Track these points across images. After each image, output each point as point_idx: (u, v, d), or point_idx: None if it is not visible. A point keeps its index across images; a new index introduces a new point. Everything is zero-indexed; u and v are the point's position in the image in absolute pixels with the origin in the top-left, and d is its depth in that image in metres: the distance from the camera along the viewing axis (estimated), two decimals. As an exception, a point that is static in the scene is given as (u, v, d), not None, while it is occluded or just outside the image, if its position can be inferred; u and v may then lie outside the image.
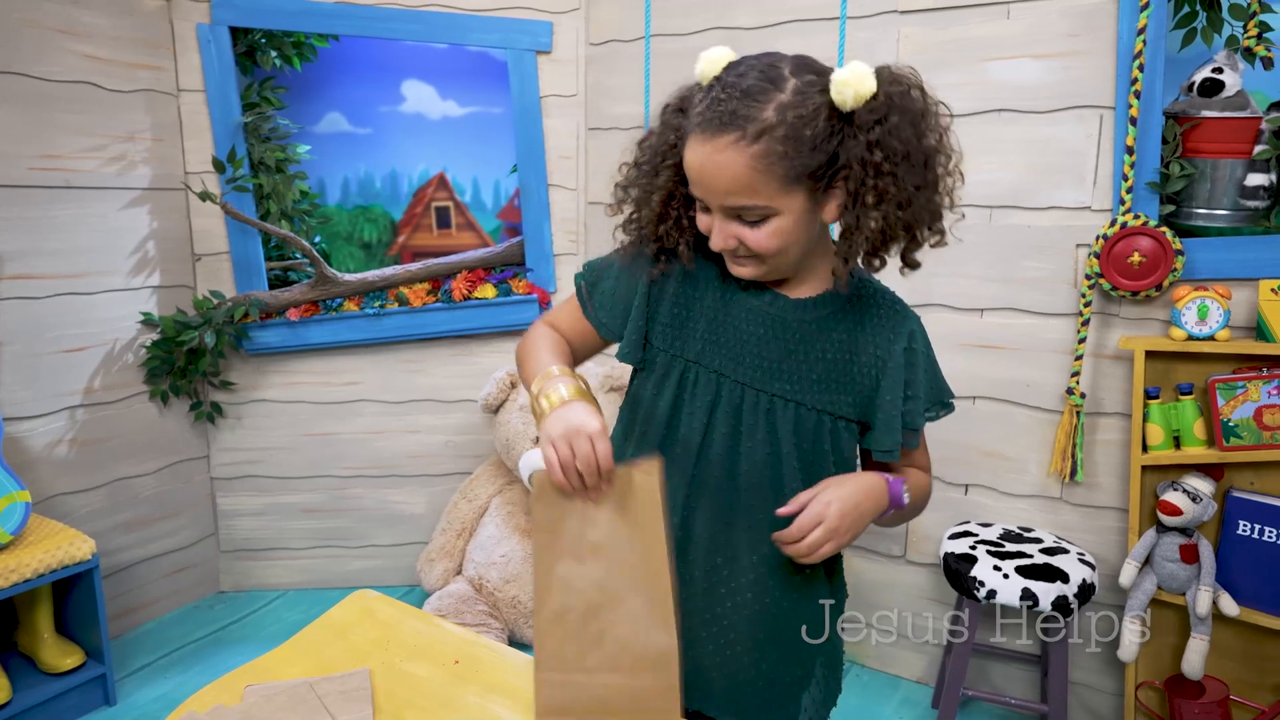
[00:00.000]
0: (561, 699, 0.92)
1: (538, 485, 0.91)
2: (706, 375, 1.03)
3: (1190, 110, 1.86)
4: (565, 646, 0.91)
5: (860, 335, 1.03)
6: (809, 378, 1.02)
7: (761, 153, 0.88)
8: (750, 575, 1.04)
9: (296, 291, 2.67)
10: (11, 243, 2.21)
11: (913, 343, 1.04)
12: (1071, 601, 1.81)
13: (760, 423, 1.02)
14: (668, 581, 0.91)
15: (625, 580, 0.91)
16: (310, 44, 2.69)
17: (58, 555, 2.05)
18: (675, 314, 1.06)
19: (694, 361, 1.04)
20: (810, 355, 1.02)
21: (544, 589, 0.91)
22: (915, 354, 1.04)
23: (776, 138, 0.88)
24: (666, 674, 0.91)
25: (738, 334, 1.03)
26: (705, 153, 0.91)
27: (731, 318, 1.03)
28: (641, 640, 0.91)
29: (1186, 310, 1.84)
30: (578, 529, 0.90)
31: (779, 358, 1.02)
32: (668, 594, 0.91)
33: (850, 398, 1.03)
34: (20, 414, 2.25)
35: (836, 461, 1.04)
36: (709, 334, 1.04)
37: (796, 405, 1.02)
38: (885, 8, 2.17)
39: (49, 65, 2.24)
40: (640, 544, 0.91)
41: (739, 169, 0.89)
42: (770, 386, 1.02)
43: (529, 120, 2.69)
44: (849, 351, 1.03)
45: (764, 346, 1.02)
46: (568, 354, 1.10)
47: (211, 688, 1.06)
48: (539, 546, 0.91)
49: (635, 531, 0.91)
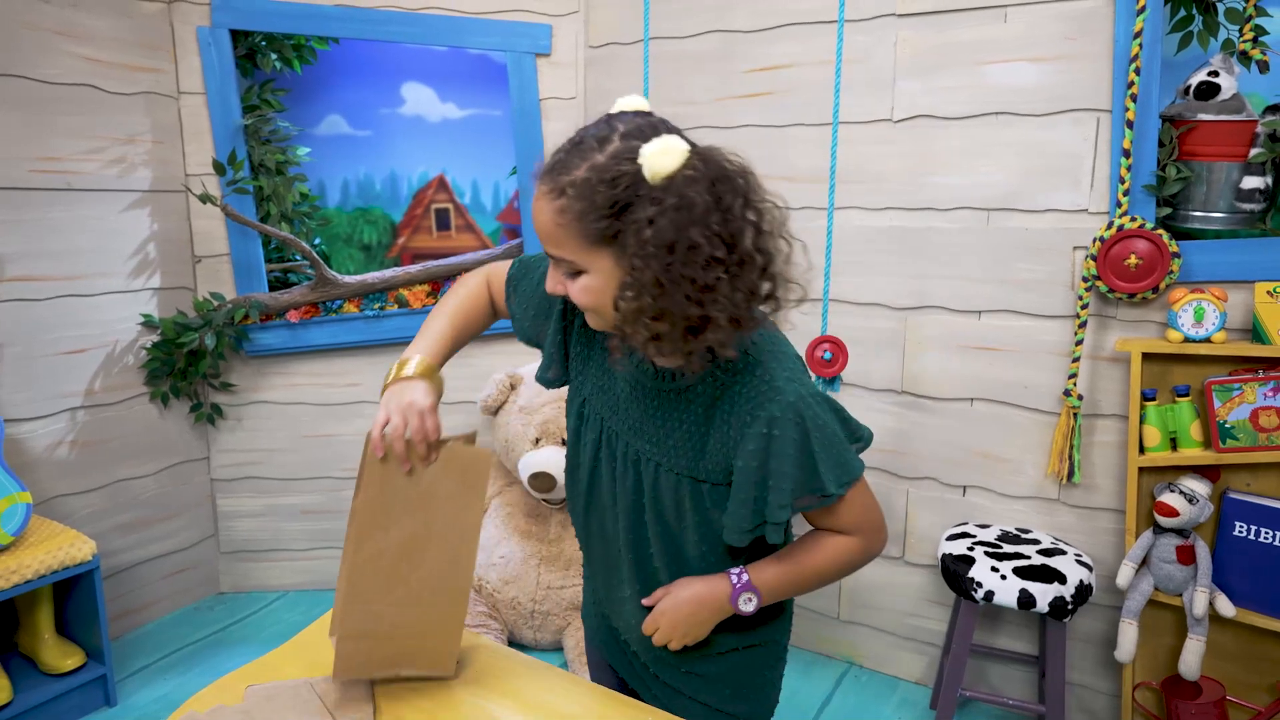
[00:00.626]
0: (360, 624, 1.05)
1: (368, 450, 1.02)
2: (594, 416, 1.10)
3: (1186, 113, 1.87)
4: (374, 583, 1.05)
5: (715, 414, 0.97)
6: (666, 442, 1.02)
7: (562, 208, 0.89)
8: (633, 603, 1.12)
9: (296, 293, 2.68)
10: (12, 245, 2.21)
11: (772, 429, 0.93)
12: (1069, 602, 1.82)
13: (629, 471, 1.06)
14: (476, 542, 1.09)
15: (437, 534, 1.06)
16: (310, 46, 2.70)
17: (58, 556, 2.05)
18: (579, 350, 1.12)
19: (588, 399, 1.11)
20: (668, 422, 1.01)
21: (361, 534, 1.03)
22: (774, 442, 0.93)
23: (572, 196, 0.88)
24: (459, 607, 1.09)
25: (614, 387, 1.07)
26: (534, 198, 0.93)
27: (611, 370, 1.07)
28: (442, 581, 1.07)
29: (1183, 312, 1.85)
30: (402, 487, 1.03)
31: (641, 419, 1.04)
32: (473, 552, 1.09)
33: (710, 465, 1.00)
34: (21, 415, 2.26)
35: (699, 520, 1.03)
36: (598, 379, 1.10)
37: (656, 465, 1.03)
38: (883, 11, 2.18)
39: (49, 68, 2.25)
40: (456, 507, 1.06)
41: (546, 219, 0.91)
42: (635, 443, 1.05)
43: (528, 123, 2.70)
44: (705, 426, 0.99)
45: (630, 405, 1.05)
46: (468, 324, 1.17)
47: (212, 688, 1.07)
48: (362, 501, 1.03)
49: (454, 496, 1.05)
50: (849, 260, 2.29)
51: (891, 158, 2.22)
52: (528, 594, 2.47)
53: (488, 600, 2.51)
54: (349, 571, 1.04)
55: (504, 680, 1.13)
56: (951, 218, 2.17)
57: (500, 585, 2.49)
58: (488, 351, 2.79)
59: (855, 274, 2.31)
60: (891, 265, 2.27)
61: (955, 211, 2.17)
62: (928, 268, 2.22)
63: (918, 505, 2.32)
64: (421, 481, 1.03)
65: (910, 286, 2.25)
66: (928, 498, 2.30)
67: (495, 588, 2.49)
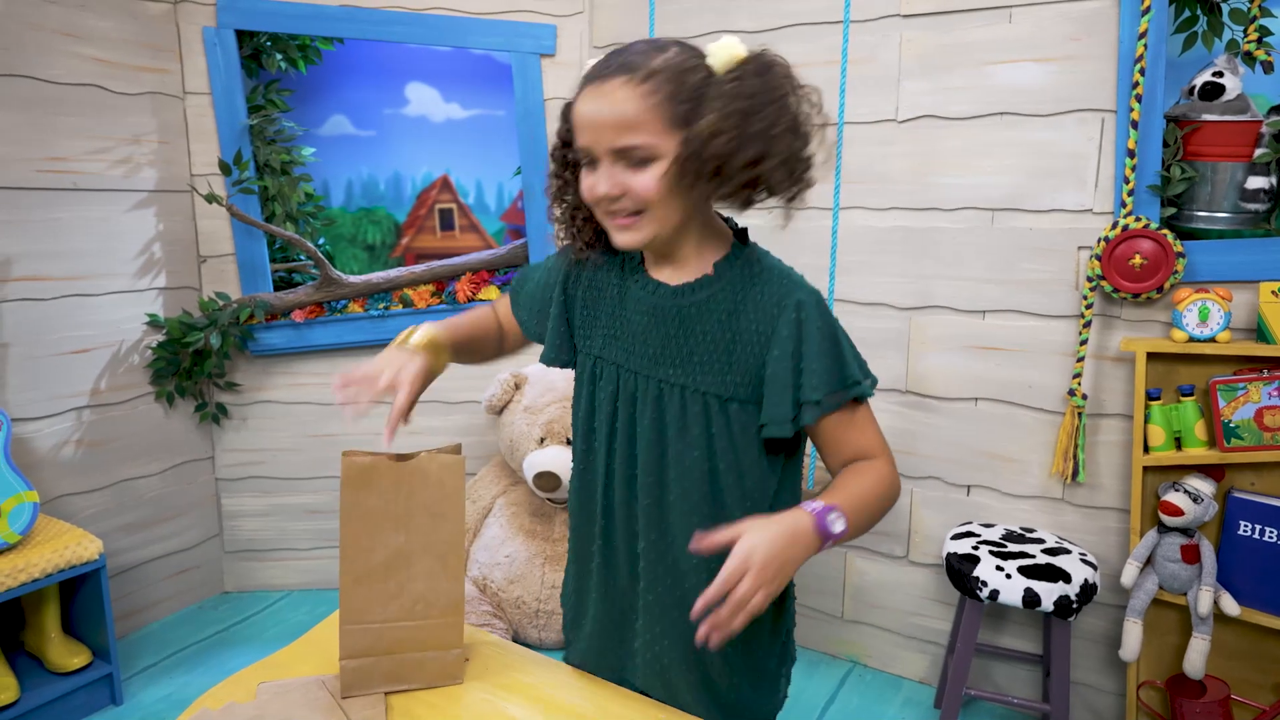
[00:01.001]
0: (361, 644, 1.07)
1: (345, 468, 1.04)
2: (608, 368, 1.09)
3: (1191, 114, 1.88)
4: (366, 602, 1.07)
5: (742, 313, 1.02)
6: (691, 361, 1.03)
7: (649, 91, 0.94)
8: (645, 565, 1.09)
9: (301, 293, 2.68)
10: (18, 244, 2.22)
11: (801, 313, 1.00)
12: (1073, 601, 1.82)
13: (649, 409, 1.05)
14: (462, 547, 1.10)
15: (421, 546, 1.08)
16: (315, 47, 2.71)
17: (65, 555, 2.06)
18: (584, 316, 1.13)
19: (599, 356, 1.11)
20: (690, 339, 1.03)
21: (349, 557, 1.06)
22: (805, 325, 1.00)
23: (661, 79, 0.95)
24: (454, 616, 1.11)
25: (629, 325, 1.07)
26: (595, 95, 0.96)
27: (625, 310, 1.08)
28: (434, 591, 1.09)
29: (1187, 312, 1.85)
30: (381, 506, 1.06)
31: (661, 344, 1.05)
32: (461, 557, 1.10)
33: (737, 378, 1.02)
34: (27, 415, 2.27)
35: (730, 443, 1.04)
36: (608, 329, 1.10)
37: (681, 389, 1.04)
38: (888, 11, 2.19)
39: (55, 68, 2.26)
40: (438, 517, 1.08)
41: (628, 105, 0.94)
42: (656, 373, 1.05)
43: (533, 123, 2.70)
44: (731, 331, 1.02)
45: (648, 334, 1.05)
46: (479, 327, 1.23)
47: (225, 685, 1.07)
48: (346, 520, 1.05)
49: (434, 507, 1.08)
50: (854, 260, 2.29)
51: (896, 158, 2.23)
52: (532, 593, 2.47)
53: (493, 599, 2.51)
54: (341, 594, 1.07)
55: (512, 676, 1.13)
56: (956, 218, 2.18)
57: (505, 584, 2.49)
58: (492, 351, 2.80)
59: (860, 274, 2.31)
60: (896, 265, 2.27)
61: (960, 211, 2.17)
62: (932, 268, 2.22)
63: (922, 505, 2.32)
64: (400, 497, 1.06)
65: (915, 286, 2.26)
66: (932, 497, 2.31)
67: (500, 587, 2.50)
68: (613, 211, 0.99)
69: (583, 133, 0.98)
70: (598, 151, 0.97)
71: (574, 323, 1.14)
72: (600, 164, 0.97)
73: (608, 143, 0.95)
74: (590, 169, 0.99)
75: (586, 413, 1.12)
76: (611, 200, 0.98)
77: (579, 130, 0.98)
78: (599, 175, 0.98)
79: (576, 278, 1.13)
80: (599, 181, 0.98)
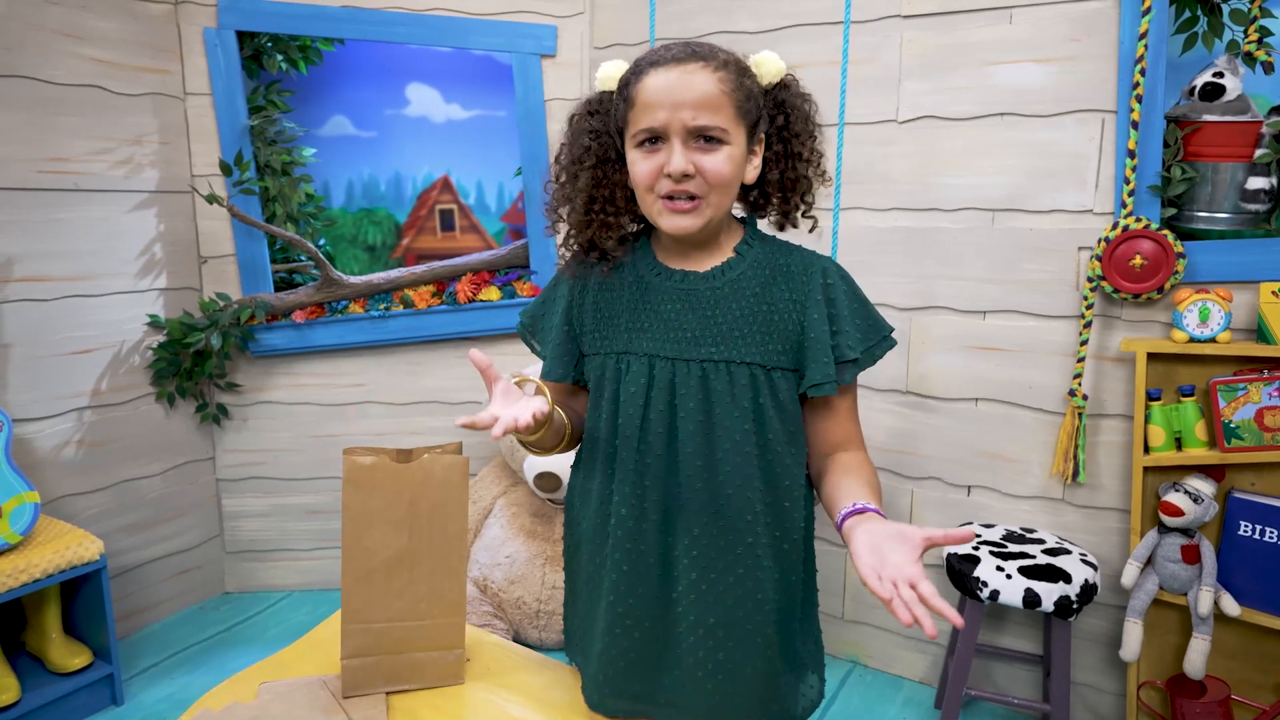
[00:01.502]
0: (363, 644, 1.08)
1: (347, 467, 1.06)
2: (637, 361, 1.08)
3: (1191, 114, 1.88)
4: (368, 602, 1.08)
5: (773, 286, 1.07)
6: (731, 336, 1.05)
7: (725, 78, 1.00)
8: (694, 551, 1.05)
9: (302, 294, 2.68)
10: (20, 245, 2.22)
11: (827, 278, 1.07)
12: (1074, 602, 1.82)
13: (694, 390, 1.05)
14: (464, 548, 1.12)
15: (424, 546, 1.09)
16: (316, 48, 2.71)
17: (66, 555, 2.06)
18: (599, 319, 1.12)
19: (624, 352, 1.09)
20: (728, 316, 1.06)
21: (351, 557, 1.07)
22: (833, 289, 1.07)
23: (733, 71, 1.01)
24: (456, 616, 1.12)
25: (658, 315, 1.08)
26: (673, 75, 0.99)
27: (649, 303, 1.09)
28: (436, 591, 1.10)
29: (1188, 313, 1.85)
30: (383, 506, 1.07)
31: (699, 326, 1.06)
32: (463, 558, 1.12)
33: (777, 345, 1.05)
34: (28, 415, 2.27)
35: (778, 411, 1.05)
36: (631, 323, 1.09)
37: (727, 364, 1.04)
38: (888, 12, 2.19)
39: (57, 69, 2.26)
40: (440, 520, 1.09)
41: (708, 86, 0.99)
42: (698, 354, 1.05)
43: (533, 123, 2.70)
44: (765, 303, 1.06)
45: (683, 319, 1.06)
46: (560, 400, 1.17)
47: (226, 685, 1.08)
48: (348, 522, 1.07)
49: (437, 508, 1.09)
50: (854, 260, 2.30)
51: (897, 158, 2.23)
52: (533, 594, 2.48)
53: (493, 600, 2.52)
54: (343, 594, 1.07)
55: (512, 675, 1.14)
56: (957, 218, 2.18)
57: (506, 585, 2.50)
58: (493, 352, 2.80)
59: (861, 274, 2.28)
60: (897, 265, 2.27)
61: (961, 212, 2.17)
62: (933, 268, 2.22)
63: (923, 505, 2.32)
64: (403, 497, 1.06)
65: (916, 287, 2.26)
66: (933, 498, 2.31)
67: (501, 587, 2.50)
68: (673, 194, 1.00)
69: (656, 110, 0.99)
70: (671, 129, 0.99)
71: (583, 332, 1.13)
72: (670, 143, 0.99)
73: (686, 119, 0.98)
74: (650, 152, 1.01)
75: (610, 412, 1.09)
76: (679, 179, 0.99)
77: (649, 108, 0.99)
78: (671, 153, 0.99)
79: (583, 289, 1.13)
80: (673, 159, 0.99)
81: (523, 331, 1.21)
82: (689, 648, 1.05)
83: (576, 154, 1.09)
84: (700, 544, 1.05)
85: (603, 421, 1.10)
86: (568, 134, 1.12)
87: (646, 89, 1.00)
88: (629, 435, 1.07)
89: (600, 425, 1.10)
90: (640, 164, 1.02)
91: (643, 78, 1.01)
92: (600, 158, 1.07)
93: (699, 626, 1.04)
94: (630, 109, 1.02)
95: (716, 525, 1.04)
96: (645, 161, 1.02)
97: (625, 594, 1.06)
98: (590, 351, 1.13)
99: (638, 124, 1.01)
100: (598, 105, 1.10)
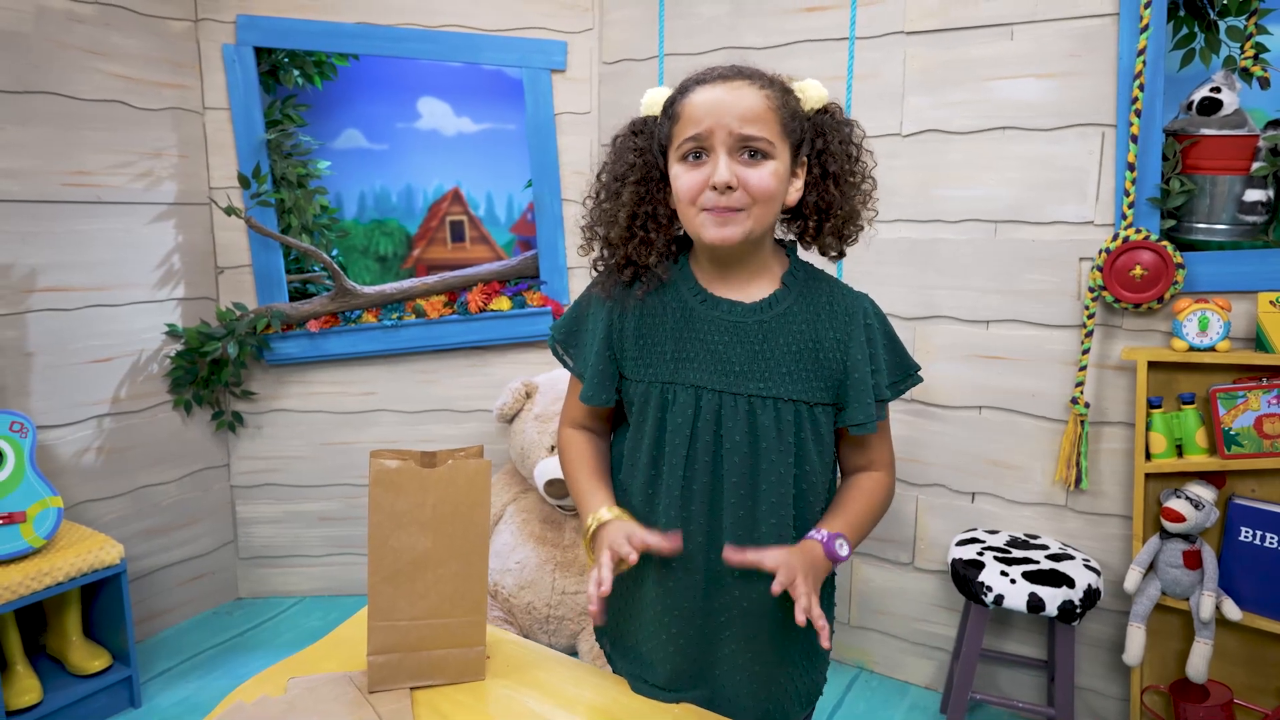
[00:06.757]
0: (389, 641, 1.12)
1: (374, 471, 1.07)
2: (684, 391, 1.08)
3: (1189, 128, 1.92)
4: (394, 601, 1.11)
5: (819, 323, 1.08)
6: (779, 372, 1.06)
7: (771, 95, 1.02)
8: (739, 573, 1.08)
9: (317, 303, 2.73)
10: (43, 256, 2.27)
11: (868, 320, 1.10)
12: (1077, 607, 1.85)
13: (740, 424, 1.06)
14: (486, 550, 1.15)
15: (448, 548, 1.12)
16: (331, 63, 2.77)
17: (88, 559, 2.10)
18: (641, 345, 1.11)
19: (669, 382, 1.09)
20: (776, 352, 1.07)
21: (378, 557, 1.10)
22: (873, 330, 1.10)
23: (779, 89, 1.04)
24: (477, 615, 1.15)
25: (705, 346, 1.08)
26: (721, 89, 1.02)
27: (695, 332, 1.08)
28: (459, 592, 1.14)
29: (1188, 322, 1.89)
30: (408, 508, 1.10)
31: (747, 360, 1.06)
32: (484, 559, 1.15)
33: (821, 383, 1.08)
34: (50, 422, 2.31)
35: (816, 445, 1.09)
36: (677, 353, 1.09)
37: (775, 401, 1.06)
38: (892, 28, 2.24)
39: (80, 85, 2.32)
40: (463, 523, 1.12)
41: (756, 100, 1.01)
42: (746, 388, 1.06)
43: (543, 137, 2.75)
44: (812, 341, 1.08)
45: (730, 352, 1.07)
46: (602, 459, 1.19)
47: (256, 680, 1.11)
48: (375, 523, 1.09)
49: (460, 512, 1.12)
50: (860, 271, 2.34)
51: (901, 171, 2.27)
52: (543, 599, 2.51)
53: (503, 605, 2.55)
54: (369, 592, 1.11)
55: (530, 672, 1.17)
56: (960, 229, 2.22)
57: (516, 590, 2.53)
58: (504, 360, 2.84)
59: (866, 285, 2.31)
60: (901, 276, 2.31)
61: (963, 224, 2.21)
62: (937, 279, 2.26)
63: (928, 511, 2.36)
64: (428, 500, 1.10)
65: (920, 297, 2.30)
66: (937, 504, 2.34)
67: (511, 592, 2.53)
68: (717, 206, 1.02)
69: (702, 121, 1.01)
70: (717, 138, 1.01)
71: (624, 357, 1.12)
72: (715, 154, 1.01)
73: (733, 129, 1.00)
74: (694, 165, 1.03)
75: (654, 440, 1.09)
76: (724, 191, 1.01)
77: (696, 120, 1.01)
78: (718, 164, 1.01)
79: (622, 311, 1.12)
80: (718, 170, 1.01)
81: (554, 345, 1.21)
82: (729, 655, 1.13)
83: (620, 171, 1.09)
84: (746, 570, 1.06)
85: (644, 448, 1.11)
86: (610, 153, 1.12)
87: (692, 103, 1.02)
88: (674, 465, 1.08)
89: (642, 452, 1.11)
90: (684, 177, 1.03)
91: (689, 94, 1.03)
92: (644, 175, 1.09)
93: (739, 639, 1.12)
94: (675, 124, 1.04)
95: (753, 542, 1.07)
96: (689, 175, 1.02)
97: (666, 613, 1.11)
98: (633, 378, 1.12)
99: (683, 134, 1.02)
100: (642, 126, 1.11)
